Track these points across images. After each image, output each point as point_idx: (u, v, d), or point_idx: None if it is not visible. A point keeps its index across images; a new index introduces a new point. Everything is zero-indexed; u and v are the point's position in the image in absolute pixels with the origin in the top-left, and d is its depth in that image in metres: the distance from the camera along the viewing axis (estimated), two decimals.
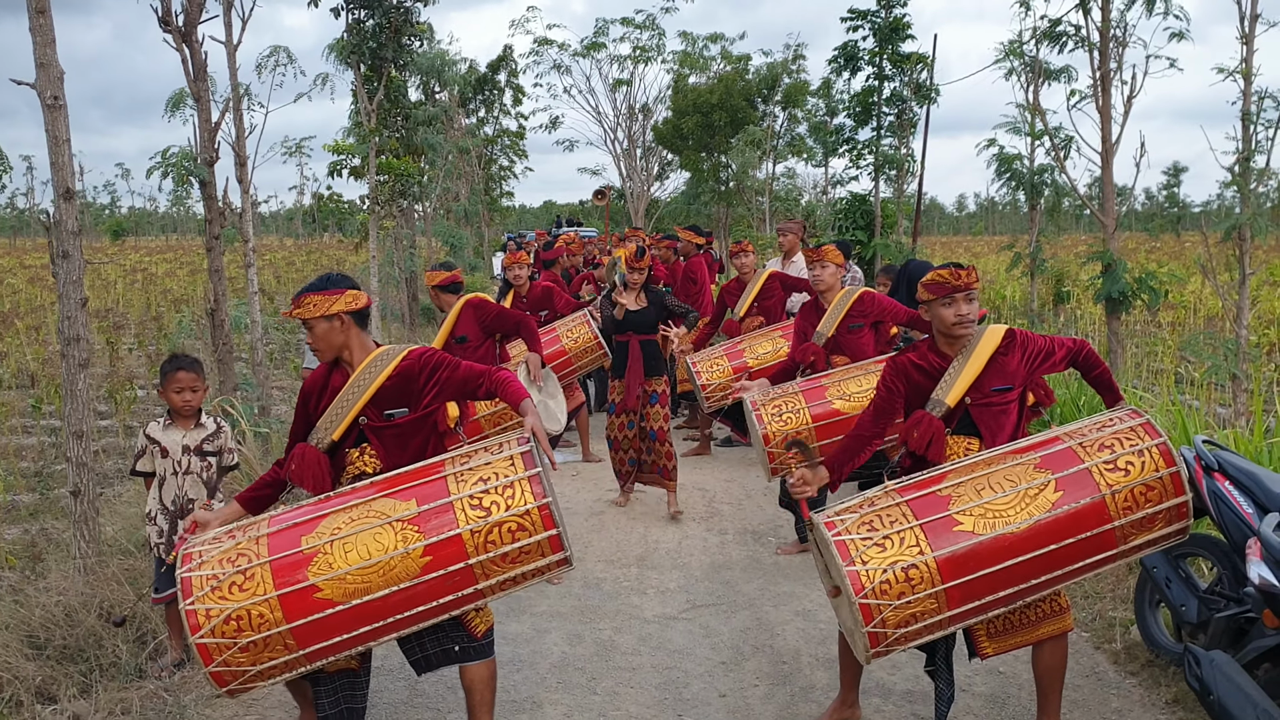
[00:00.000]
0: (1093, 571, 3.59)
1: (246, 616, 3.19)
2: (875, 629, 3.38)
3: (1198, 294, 17.57)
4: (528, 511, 3.29)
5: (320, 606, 3.22)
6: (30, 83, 4.90)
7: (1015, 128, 10.70)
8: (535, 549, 3.33)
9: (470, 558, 3.27)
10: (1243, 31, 7.74)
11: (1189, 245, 30.34)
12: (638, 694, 4.46)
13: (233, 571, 3.23)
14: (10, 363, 12.97)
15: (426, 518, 3.29)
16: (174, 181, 7.81)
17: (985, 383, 3.76)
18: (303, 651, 3.26)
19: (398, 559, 3.24)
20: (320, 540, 3.28)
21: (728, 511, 7.23)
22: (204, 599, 3.20)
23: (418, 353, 3.67)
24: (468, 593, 3.34)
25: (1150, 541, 3.56)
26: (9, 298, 21.91)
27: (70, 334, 5.00)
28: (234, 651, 3.20)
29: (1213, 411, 9.10)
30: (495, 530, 3.28)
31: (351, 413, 3.60)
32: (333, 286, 3.61)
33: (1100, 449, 3.54)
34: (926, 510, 3.48)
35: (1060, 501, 3.44)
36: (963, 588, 3.40)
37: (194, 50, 7.68)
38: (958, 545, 3.40)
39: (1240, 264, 7.98)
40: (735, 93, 26.23)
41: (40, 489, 7.87)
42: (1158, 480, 3.48)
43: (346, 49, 14.15)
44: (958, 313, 3.74)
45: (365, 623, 3.28)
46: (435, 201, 18.85)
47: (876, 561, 3.38)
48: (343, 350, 3.65)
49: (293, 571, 3.23)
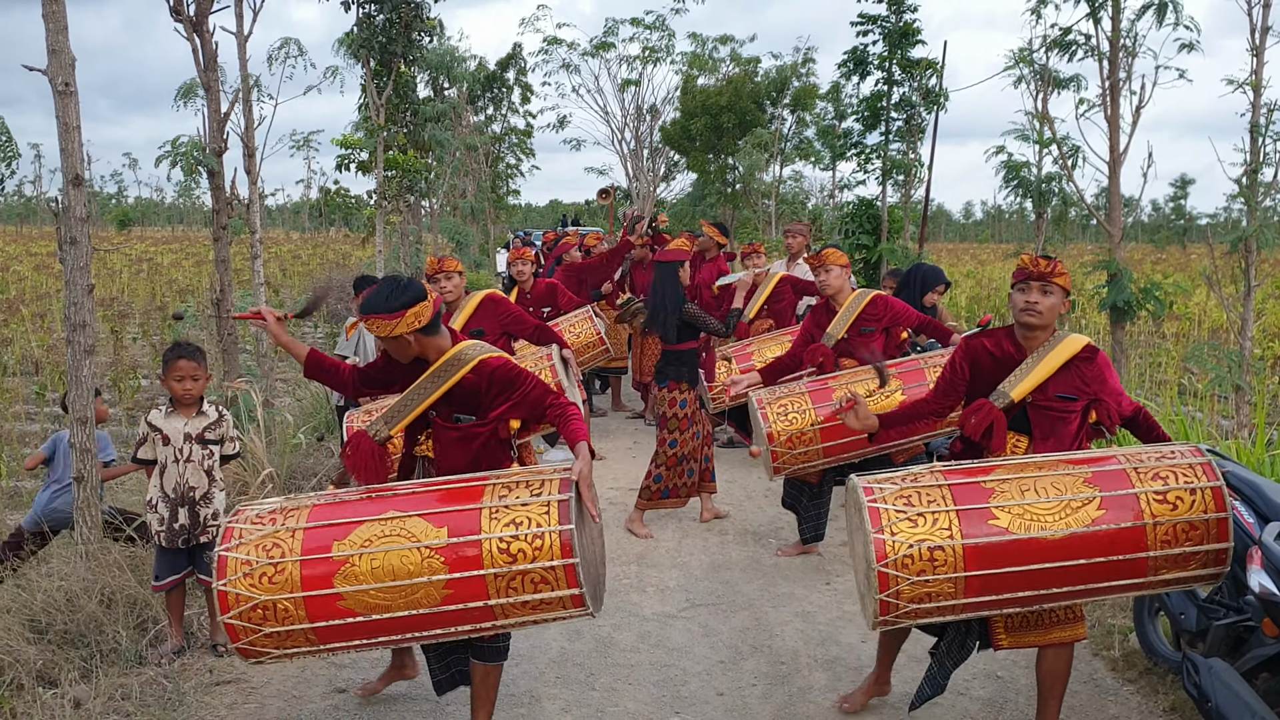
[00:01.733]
0: (1115, 594, 3.56)
1: (272, 609, 3.30)
2: (889, 598, 3.42)
3: (1203, 306, 17.55)
4: (553, 568, 3.26)
5: (341, 614, 3.31)
6: (42, 69, 4.91)
7: (1023, 135, 10.69)
8: (557, 602, 3.33)
9: (490, 599, 3.29)
10: (1253, 44, 7.73)
11: (1195, 257, 30.33)
12: (636, 691, 4.47)
13: (265, 562, 3.32)
14: (15, 349, 12.99)
15: (454, 550, 3.29)
16: (183, 171, 7.84)
17: (1052, 387, 3.75)
18: (323, 646, 3.38)
19: (420, 586, 3.28)
20: (350, 550, 3.32)
21: (728, 512, 7.23)
22: (236, 583, 3.32)
23: (491, 366, 3.63)
24: (484, 626, 3.40)
25: (1181, 580, 3.50)
26: (15, 285, 21.95)
27: (76, 320, 5.01)
28: (259, 637, 3.34)
29: (1215, 423, 9.10)
30: (519, 579, 3.28)
31: (416, 411, 3.66)
32: (396, 309, 3.52)
33: (1154, 478, 3.48)
34: (966, 498, 3.49)
35: (1101, 520, 3.41)
36: (983, 580, 3.41)
37: (205, 40, 7.70)
38: (989, 539, 3.41)
39: (1246, 276, 7.97)
40: (744, 95, 26.23)
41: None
42: (1204, 522, 3.42)
43: (356, 43, 14.15)
44: (1027, 299, 3.75)
45: (384, 634, 3.38)
46: (442, 198, 18.87)
47: (905, 535, 3.42)
48: (421, 353, 3.67)
49: (320, 576, 3.30)
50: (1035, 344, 3.81)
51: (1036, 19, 9.81)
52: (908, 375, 5.86)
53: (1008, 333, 3.91)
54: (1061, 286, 3.75)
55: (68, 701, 4.12)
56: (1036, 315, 3.75)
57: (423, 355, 3.67)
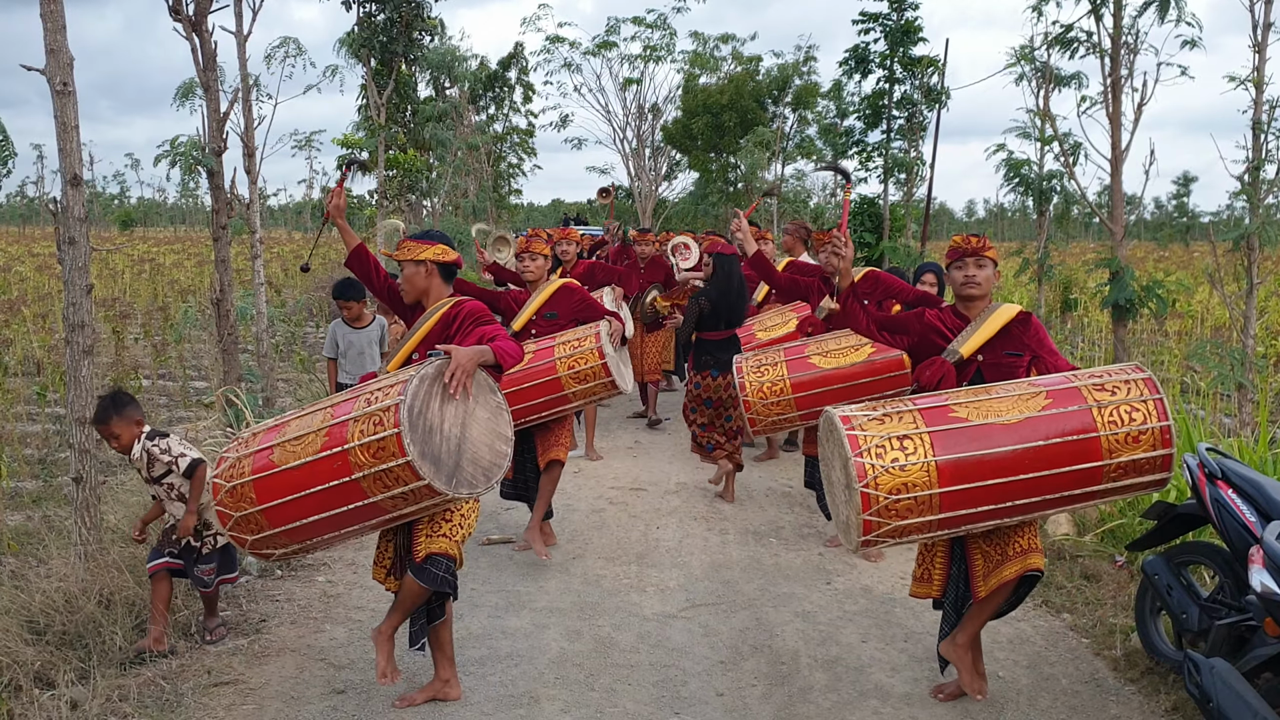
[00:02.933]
0: (1083, 489, 3.79)
1: (237, 465, 3.97)
2: (868, 488, 3.68)
3: (1205, 303, 17.50)
4: (388, 408, 3.64)
5: (268, 466, 3.87)
6: (40, 69, 4.90)
7: (1025, 133, 10.67)
8: (389, 446, 3.61)
9: (347, 443, 3.70)
10: (1255, 40, 7.71)
11: (1197, 255, 30.29)
12: (635, 691, 4.45)
13: (249, 434, 4.10)
14: (16, 350, 12.98)
15: (341, 407, 3.85)
16: (182, 171, 7.83)
17: (999, 346, 4.15)
18: (260, 508, 3.88)
19: (311, 435, 3.82)
20: (291, 415, 4.06)
21: (729, 511, 7.22)
22: (229, 450, 4.06)
23: (459, 304, 4.21)
24: (346, 481, 3.72)
25: (1135, 464, 3.73)
26: (16, 285, 21.94)
27: (75, 320, 5.00)
28: (224, 494, 3.94)
29: (1218, 421, 9.08)
30: (366, 420, 3.69)
31: (404, 351, 4.22)
32: (427, 238, 4.29)
33: (1092, 378, 3.87)
34: (928, 402, 3.91)
35: (1050, 407, 3.77)
36: (953, 466, 3.71)
37: (204, 39, 7.69)
38: (951, 425, 3.77)
39: (1248, 274, 7.95)
40: (745, 94, 26.21)
41: (44, 476, 7.88)
42: (1142, 403, 3.73)
43: (357, 43, 14.16)
44: (966, 274, 4.20)
45: (290, 491, 3.82)
46: (443, 197, 18.86)
47: (874, 430, 3.78)
48: (423, 295, 4.27)
49: (269, 436, 3.98)
50: (976, 311, 4.24)
51: (1038, 16, 9.79)
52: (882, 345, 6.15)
53: (951, 309, 4.34)
54: (991, 259, 4.21)
55: (65, 703, 4.11)
56: (976, 286, 4.20)
57: (426, 295, 4.27)
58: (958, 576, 4.26)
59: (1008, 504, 3.76)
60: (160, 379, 12.26)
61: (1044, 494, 3.77)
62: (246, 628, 5.08)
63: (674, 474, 8.25)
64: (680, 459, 8.76)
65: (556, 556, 6.20)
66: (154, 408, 10.44)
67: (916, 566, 4.39)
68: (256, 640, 4.92)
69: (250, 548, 4.03)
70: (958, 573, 4.25)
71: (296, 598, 5.51)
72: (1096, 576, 5.73)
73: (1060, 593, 5.57)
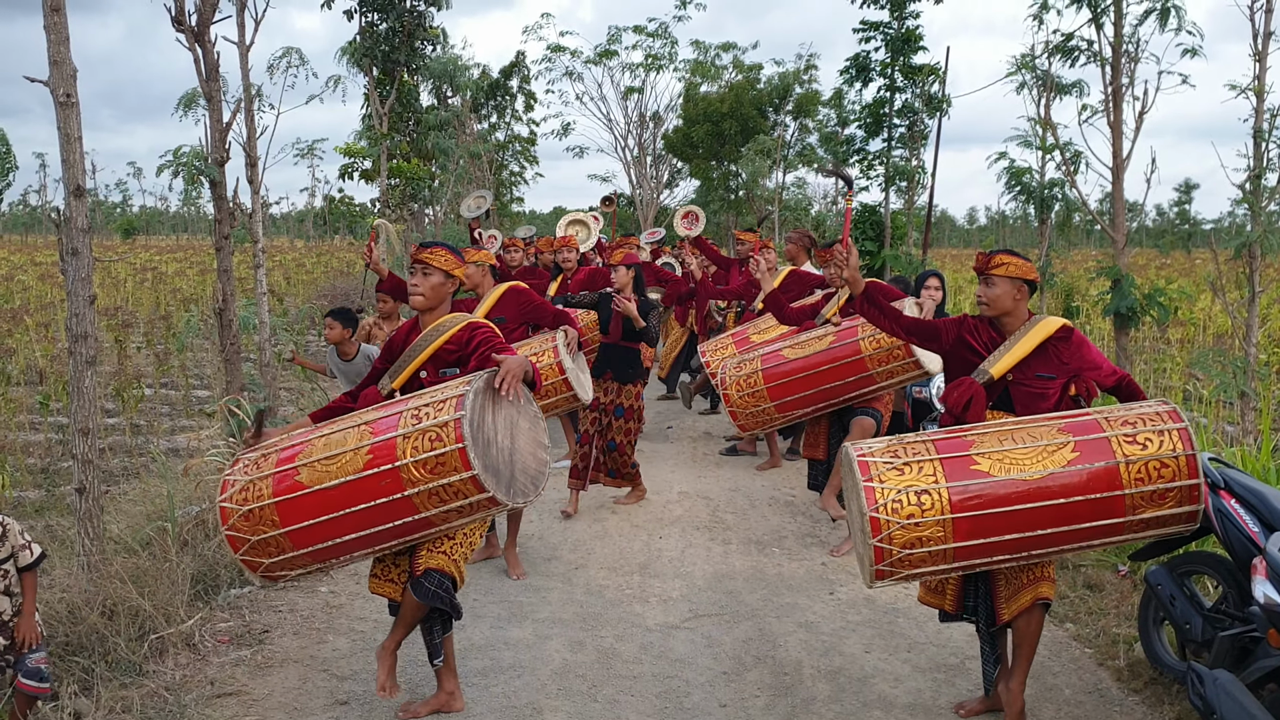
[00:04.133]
0: (1101, 540, 3.78)
1: (251, 489, 3.88)
2: (881, 543, 3.68)
3: (1207, 311, 17.49)
4: (446, 423, 3.62)
5: (295, 488, 3.79)
6: (43, 80, 4.92)
7: (1026, 141, 10.68)
8: (449, 461, 3.60)
9: (398, 460, 3.66)
10: (1256, 49, 7.72)
11: (1199, 263, 30.25)
12: (638, 703, 4.45)
13: (258, 455, 4.01)
14: (19, 359, 12.99)
15: (380, 422, 3.80)
16: (184, 181, 7.85)
17: (1032, 366, 4.03)
18: (284, 530, 3.80)
19: (350, 453, 3.75)
20: (317, 435, 3.95)
21: (731, 521, 7.21)
22: (235, 474, 3.98)
23: (473, 325, 4.15)
24: (399, 498, 3.69)
25: (1159, 519, 3.68)
26: (19, 294, 21.96)
27: (78, 331, 5.01)
28: (238, 518, 3.85)
29: (1220, 429, 9.07)
30: (420, 437, 3.65)
31: (411, 367, 4.14)
32: (459, 253, 4.28)
33: (1124, 424, 3.74)
34: (949, 448, 3.81)
35: (1076, 460, 3.67)
36: (970, 522, 3.68)
37: (206, 50, 7.70)
38: (971, 481, 3.69)
39: (1250, 281, 7.95)
40: (746, 102, 26.24)
41: (47, 486, 7.88)
42: (1173, 459, 3.64)
43: (359, 52, 14.19)
44: (978, 292, 4.14)
45: (324, 511, 3.75)
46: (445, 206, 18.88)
47: (893, 482, 3.73)
48: (437, 306, 4.19)
49: (289, 458, 3.89)
50: (1012, 328, 4.10)
51: (1039, 24, 9.81)
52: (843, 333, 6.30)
53: (989, 320, 4.20)
54: (1001, 275, 4.05)
55: (68, 714, 4.11)
56: (984, 306, 4.11)
57: (432, 311, 4.19)
58: (983, 595, 4.14)
59: (1023, 554, 3.76)
60: (163, 388, 12.27)
61: (1060, 545, 3.75)
62: (249, 638, 5.07)
63: (676, 483, 8.24)
64: (682, 467, 8.75)
65: (558, 567, 6.20)
66: (156, 417, 10.46)
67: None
68: (259, 651, 4.92)
69: (264, 571, 3.96)
70: (982, 592, 4.14)
71: (299, 608, 5.50)
72: (1100, 586, 5.72)
73: (1063, 602, 5.56)
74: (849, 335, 6.23)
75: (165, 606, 4.95)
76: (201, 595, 5.41)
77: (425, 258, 4.14)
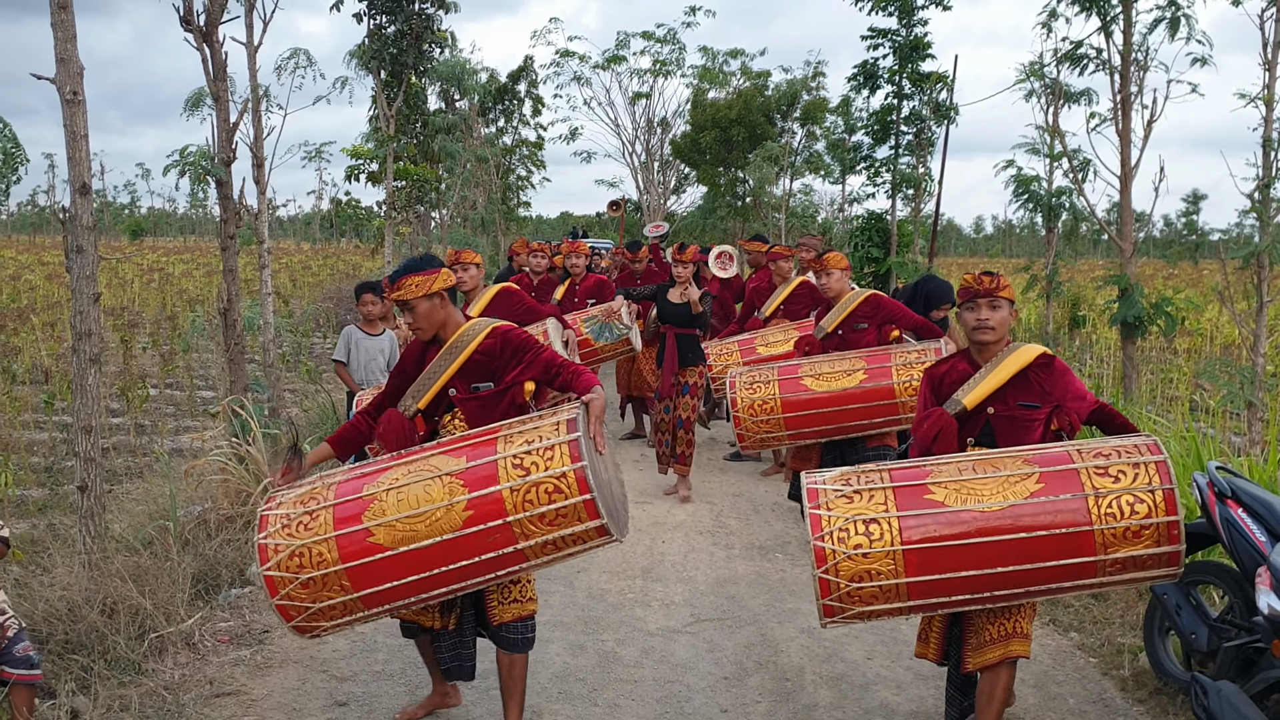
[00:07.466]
0: (1069, 582, 3.44)
1: (308, 553, 3.46)
2: (827, 574, 3.44)
3: (1214, 321, 17.45)
4: (564, 474, 3.37)
5: (371, 551, 3.43)
6: (50, 78, 4.92)
7: (1034, 149, 10.67)
8: (571, 513, 3.39)
9: (509, 515, 3.39)
10: (1265, 58, 7.70)
11: (1207, 273, 30.21)
12: (639, 707, 4.42)
13: (301, 512, 3.52)
14: (25, 358, 13.02)
15: (472, 474, 3.43)
16: (191, 181, 7.85)
17: (1011, 395, 3.78)
18: (357, 594, 3.47)
19: (442, 511, 3.41)
20: (379, 488, 3.50)
21: (734, 526, 7.19)
22: (274, 534, 3.50)
23: (501, 331, 3.84)
24: (508, 552, 3.44)
25: (1135, 560, 3.37)
26: (26, 294, 22.01)
27: (82, 329, 5.01)
28: (295, 586, 3.46)
29: (1227, 439, 9.02)
30: (533, 490, 3.37)
31: (436, 385, 3.81)
32: (429, 267, 3.80)
33: (1095, 456, 3.47)
34: (904, 477, 3.56)
35: (1040, 492, 3.39)
36: (921, 555, 3.41)
37: (214, 50, 7.72)
38: (924, 511, 3.43)
39: (1258, 291, 7.92)
40: (754, 108, 26.24)
41: (50, 484, 7.89)
42: (1148, 493, 3.34)
43: (367, 54, 14.19)
44: (978, 317, 3.80)
45: (413, 571, 3.44)
46: (452, 209, 18.89)
47: (841, 510, 3.49)
48: (441, 327, 3.84)
49: (351, 515, 3.47)
50: (989, 356, 3.85)
51: (1048, 32, 9.80)
52: (873, 358, 6.26)
53: (963, 354, 3.98)
54: (1007, 299, 3.82)
55: (66, 713, 4.10)
56: (989, 331, 3.80)
57: (444, 326, 3.84)
58: (954, 639, 3.86)
59: (986, 594, 3.46)
60: (167, 388, 12.28)
61: (1027, 585, 3.44)
62: (249, 638, 5.06)
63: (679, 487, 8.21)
64: None
65: (560, 570, 6.18)
66: (161, 417, 10.46)
67: (920, 623, 4.05)
68: (259, 651, 4.91)
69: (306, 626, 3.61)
70: (954, 635, 3.86)
71: None
72: (1104, 595, 5.69)
73: (1068, 611, 5.53)
74: (883, 376, 6.13)
75: (165, 605, 4.94)
76: (202, 595, 5.41)
77: (399, 296, 3.78)
